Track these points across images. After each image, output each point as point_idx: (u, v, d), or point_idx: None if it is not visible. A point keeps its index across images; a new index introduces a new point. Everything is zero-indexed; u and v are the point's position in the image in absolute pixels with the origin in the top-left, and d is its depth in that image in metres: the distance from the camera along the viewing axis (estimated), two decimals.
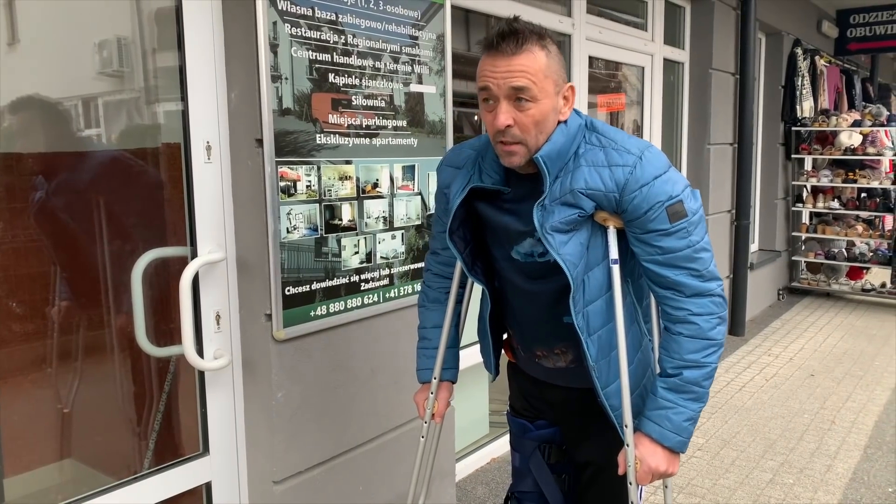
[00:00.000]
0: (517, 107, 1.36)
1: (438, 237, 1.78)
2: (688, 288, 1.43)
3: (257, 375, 2.10)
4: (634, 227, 1.43)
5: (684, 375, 1.44)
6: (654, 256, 1.43)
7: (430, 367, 1.78)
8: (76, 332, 1.85)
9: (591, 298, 1.48)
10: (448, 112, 2.60)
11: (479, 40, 1.40)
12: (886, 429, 3.78)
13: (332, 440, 2.28)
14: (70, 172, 1.83)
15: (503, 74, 1.34)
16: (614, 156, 1.42)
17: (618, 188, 1.40)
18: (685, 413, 1.46)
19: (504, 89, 1.35)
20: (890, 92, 10.44)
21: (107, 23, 1.84)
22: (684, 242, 1.41)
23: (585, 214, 1.43)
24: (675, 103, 5.19)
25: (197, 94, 1.96)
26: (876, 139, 6.66)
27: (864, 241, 6.73)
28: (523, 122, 1.37)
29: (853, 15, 7.94)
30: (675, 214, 1.40)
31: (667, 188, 1.39)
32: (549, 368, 1.66)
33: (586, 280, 1.47)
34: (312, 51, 2.07)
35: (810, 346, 5.38)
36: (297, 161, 2.05)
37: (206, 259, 1.98)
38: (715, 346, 1.45)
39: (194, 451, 2.09)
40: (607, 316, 1.51)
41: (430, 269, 1.85)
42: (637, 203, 1.39)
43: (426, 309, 1.83)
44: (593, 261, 1.48)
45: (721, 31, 5.22)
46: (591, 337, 1.49)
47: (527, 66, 1.34)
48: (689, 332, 1.44)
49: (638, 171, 1.39)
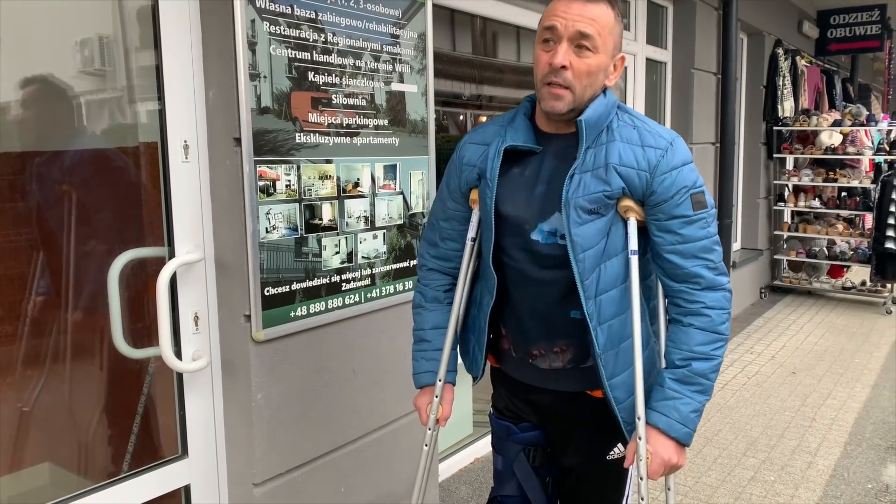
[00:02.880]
0: (577, 53, 1.40)
1: (439, 226, 1.72)
2: (703, 280, 1.45)
3: (236, 377, 2.08)
4: (659, 212, 1.45)
5: (693, 367, 1.45)
6: (676, 246, 1.45)
7: (433, 369, 1.69)
8: (50, 333, 1.82)
9: (606, 287, 1.47)
10: (430, 111, 2.59)
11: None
12: (866, 425, 3.82)
13: (313, 441, 2.27)
14: (46, 171, 1.80)
15: (575, 17, 1.38)
16: (648, 137, 1.46)
17: (650, 168, 1.43)
18: (692, 404, 1.46)
19: (570, 31, 1.39)
20: (870, 92, 10.55)
21: (86, 22, 1.81)
22: (704, 232, 1.45)
23: (612, 195, 1.43)
24: (658, 103, 5.21)
25: (174, 93, 1.94)
26: (856, 139, 6.73)
27: (844, 239, 6.79)
28: (579, 67, 1.40)
29: (833, 16, 8.02)
30: (698, 203, 1.45)
31: (692, 176, 1.46)
32: (543, 370, 1.61)
33: (602, 269, 1.47)
34: (292, 49, 2.05)
35: (792, 343, 5.43)
36: (276, 160, 2.04)
37: (184, 259, 1.96)
38: (723, 341, 1.47)
39: (173, 454, 2.06)
40: (620, 306, 1.49)
41: (425, 265, 1.76)
42: (667, 185, 1.42)
43: (424, 310, 1.74)
44: (612, 250, 1.48)
45: (703, 32, 5.25)
46: (602, 326, 1.48)
47: (598, 16, 1.40)
48: (700, 324, 1.46)
49: (669, 155, 1.44)
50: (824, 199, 6.87)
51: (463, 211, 1.67)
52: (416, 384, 1.74)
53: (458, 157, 1.66)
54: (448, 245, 1.70)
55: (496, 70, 3.73)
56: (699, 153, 5.35)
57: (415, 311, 1.77)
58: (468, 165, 1.61)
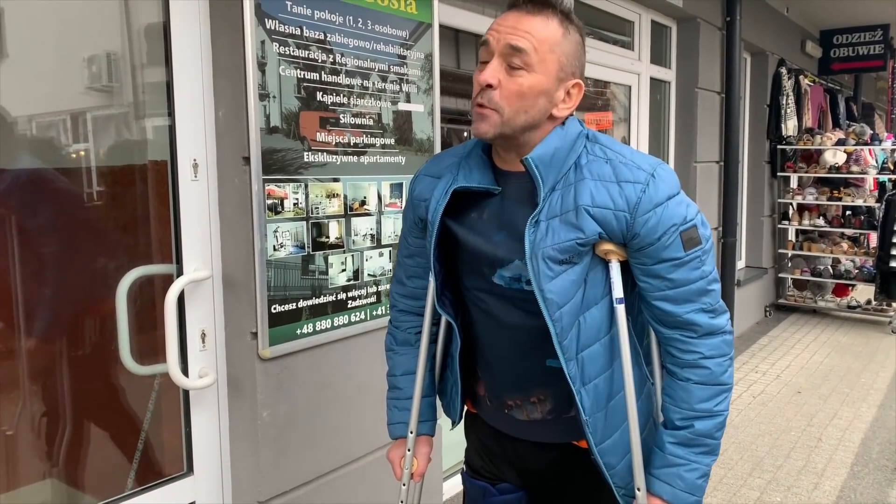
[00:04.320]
0: (508, 71, 1.21)
1: (404, 264, 1.57)
2: (700, 327, 1.27)
3: (242, 394, 2.09)
4: (644, 257, 1.25)
5: (695, 427, 1.28)
6: (665, 292, 1.26)
7: (405, 420, 1.54)
8: (56, 349, 1.83)
9: (587, 342, 1.28)
10: (436, 130, 2.62)
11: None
12: (872, 446, 3.79)
13: (318, 459, 2.26)
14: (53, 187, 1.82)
15: (507, 30, 1.21)
16: (623, 171, 1.24)
17: (629, 207, 1.22)
18: (699, 469, 1.29)
19: (501, 45, 1.21)
20: (873, 111, 10.58)
21: (96, 38, 1.84)
22: (697, 273, 1.25)
23: (585, 242, 1.24)
24: (662, 121, 5.24)
25: (184, 112, 1.96)
26: (860, 157, 6.74)
27: (849, 258, 6.79)
28: (508, 87, 1.21)
29: (836, 35, 8.07)
30: (690, 241, 1.24)
31: (681, 210, 1.24)
32: (521, 421, 1.42)
33: (581, 322, 1.27)
34: (300, 69, 2.08)
35: (797, 362, 5.40)
36: (284, 179, 2.05)
37: (192, 277, 1.97)
38: (726, 392, 1.30)
39: (178, 471, 2.06)
40: (605, 362, 1.31)
41: (395, 306, 1.61)
42: (651, 226, 1.22)
43: (395, 353, 1.60)
44: (591, 299, 1.28)
45: (707, 51, 5.28)
46: (586, 387, 1.29)
47: (535, 30, 1.21)
48: (699, 377, 1.28)
49: (651, 189, 1.22)
50: (829, 218, 6.88)
51: (424, 246, 1.48)
52: (390, 435, 1.59)
53: (410, 189, 1.49)
54: (415, 283, 1.55)
55: None
56: (703, 172, 5.36)
57: (387, 355, 1.62)
58: (419, 200, 1.44)
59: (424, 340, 1.52)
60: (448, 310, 1.40)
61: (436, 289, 1.38)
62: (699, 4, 5.10)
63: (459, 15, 3.08)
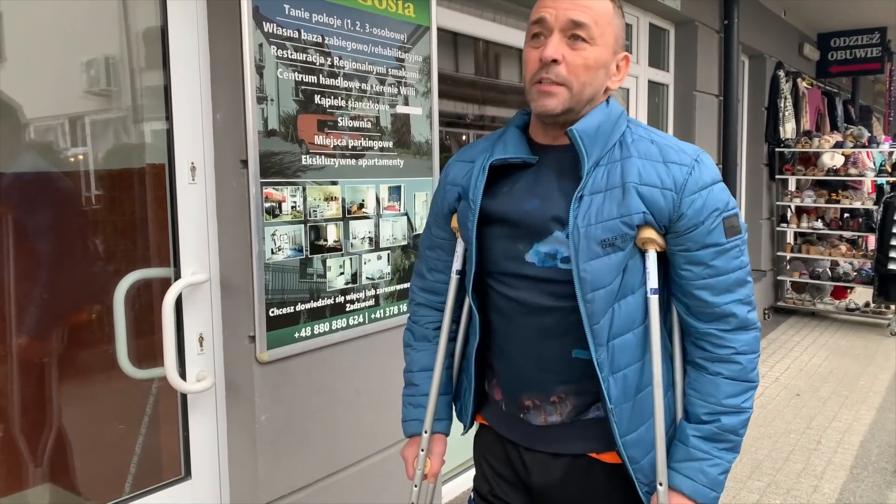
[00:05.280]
0: (571, 45, 1.22)
1: (425, 256, 1.54)
2: (736, 319, 1.26)
3: (240, 398, 2.08)
4: (688, 241, 1.24)
5: (722, 423, 1.26)
6: (707, 280, 1.25)
7: (420, 417, 1.51)
8: (53, 352, 1.82)
9: (620, 331, 1.26)
10: (434, 133, 2.61)
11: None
12: (871, 448, 3.79)
13: (317, 463, 2.26)
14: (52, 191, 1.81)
15: (565, 5, 1.21)
16: (670, 152, 1.26)
17: (676, 187, 1.22)
18: (721, 465, 1.27)
19: (562, 21, 1.21)
20: (871, 113, 10.60)
21: (94, 42, 1.84)
22: (737, 262, 1.26)
23: (629, 222, 1.22)
24: (661, 124, 5.24)
25: (182, 115, 1.96)
26: (858, 160, 6.75)
27: (847, 260, 6.79)
28: (574, 61, 1.22)
29: (834, 38, 8.09)
30: (731, 229, 1.25)
31: (724, 196, 1.25)
32: (537, 428, 1.36)
33: (615, 309, 1.26)
34: (298, 72, 2.08)
35: (796, 365, 5.40)
36: (282, 182, 2.05)
37: (190, 280, 1.96)
38: (753, 389, 1.29)
39: (176, 475, 2.06)
40: (637, 352, 1.29)
41: (415, 300, 1.58)
42: (697, 207, 1.22)
43: (413, 349, 1.56)
44: (628, 287, 1.27)
45: (705, 54, 5.29)
46: (615, 375, 1.26)
47: (592, 4, 1.23)
48: (730, 372, 1.26)
49: (696, 172, 1.23)
50: (827, 221, 6.88)
51: (448, 239, 1.48)
52: (404, 433, 1.55)
53: (443, 176, 1.48)
54: (435, 277, 1.52)
55: (499, 91, 3.76)
56: None
57: (404, 351, 1.59)
58: (451, 185, 1.43)
59: (444, 337, 1.49)
60: (476, 301, 1.38)
61: (469, 275, 1.36)
62: (697, 8, 5.11)
63: (457, 18, 3.09)
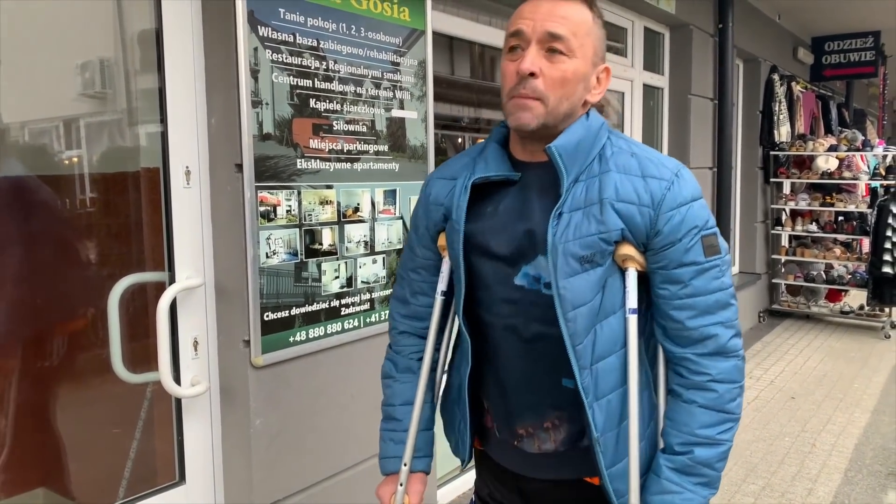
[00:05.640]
0: (548, 58, 1.18)
1: (409, 279, 1.44)
2: (714, 343, 1.22)
3: (235, 402, 2.08)
4: (666, 259, 1.21)
5: (695, 454, 1.20)
6: (685, 300, 1.21)
7: (400, 454, 1.42)
8: (46, 356, 1.81)
9: (603, 353, 1.22)
10: (429, 137, 2.61)
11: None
12: (866, 451, 3.80)
13: (312, 467, 2.25)
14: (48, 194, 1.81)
15: (543, 16, 1.18)
16: (649, 166, 1.22)
17: (653, 203, 1.19)
18: (694, 499, 1.20)
19: (539, 32, 1.18)
20: (865, 117, 10.65)
21: (89, 44, 1.84)
22: (717, 283, 1.21)
23: (609, 238, 1.19)
24: (656, 128, 5.25)
25: (177, 119, 1.96)
26: (852, 163, 6.78)
27: (842, 263, 6.81)
28: (551, 74, 1.18)
29: (828, 42, 8.12)
30: (711, 248, 1.21)
31: (704, 213, 1.22)
32: (532, 455, 1.33)
33: (598, 330, 1.22)
34: (293, 76, 2.08)
35: (790, 368, 5.41)
36: (277, 186, 2.05)
37: (185, 285, 1.96)
38: (732, 421, 1.23)
39: (170, 480, 2.05)
40: (620, 377, 1.24)
41: (397, 328, 1.48)
42: (675, 224, 1.19)
43: (395, 381, 1.47)
44: (609, 307, 1.23)
45: (699, 58, 5.31)
46: (599, 402, 1.22)
47: (571, 15, 1.19)
48: (705, 401, 1.22)
49: (676, 187, 1.20)
50: (821, 224, 6.90)
51: (434, 259, 1.41)
52: (381, 470, 1.46)
53: (424, 194, 1.40)
54: (420, 301, 1.44)
55: (494, 94, 3.77)
56: (696, 177, 5.35)
57: (384, 383, 1.49)
58: (435, 204, 1.37)
59: (426, 366, 1.42)
60: (467, 326, 1.31)
61: (463, 299, 1.30)
62: (692, 12, 5.13)
63: (453, 22, 3.09)
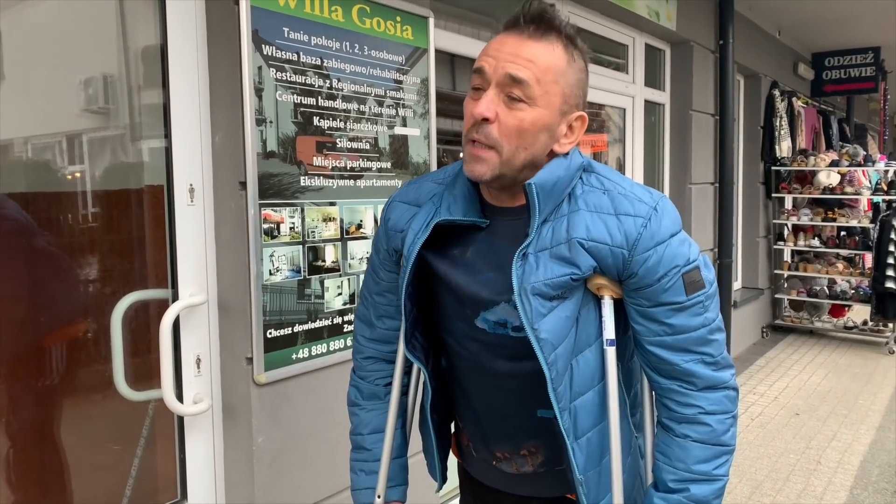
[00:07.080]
0: (507, 103, 1.07)
1: (373, 302, 1.38)
2: (700, 379, 1.14)
3: (237, 420, 2.07)
4: (642, 298, 1.13)
5: (691, 492, 1.14)
6: (663, 338, 1.14)
7: (371, 485, 1.37)
8: (49, 373, 1.81)
9: (581, 390, 1.16)
10: (432, 154, 2.62)
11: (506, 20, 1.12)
12: (871, 468, 3.77)
13: (314, 486, 2.24)
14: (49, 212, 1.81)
15: (506, 57, 1.06)
16: (623, 202, 1.12)
17: (627, 243, 1.10)
18: None
19: (499, 74, 1.07)
20: (866, 132, 10.67)
21: (93, 60, 1.85)
22: (699, 320, 1.13)
23: (580, 277, 1.11)
24: (657, 143, 5.26)
25: (181, 136, 1.96)
26: (854, 178, 6.78)
27: (845, 278, 6.80)
28: (507, 122, 1.07)
29: (828, 58, 8.15)
30: (693, 285, 1.12)
31: (683, 250, 1.12)
32: (510, 474, 1.30)
33: (574, 366, 1.15)
34: (297, 94, 2.09)
35: (795, 384, 5.39)
36: (280, 203, 2.05)
37: (188, 302, 1.96)
38: (728, 454, 1.17)
39: (172, 498, 2.04)
40: (599, 413, 1.18)
41: (362, 353, 1.42)
42: (651, 265, 1.10)
43: (361, 409, 1.40)
44: (584, 341, 1.16)
45: (700, 74, 5.33)
46: (579, 441, 1.16)
47: (537, 58, 1.07)
48: (698, 435, 1.14)
49: (653, 225, 1.10)
50: (824, 239, 6.90)
51: (398, 282, 1.32)
52: (354, 503, 1.41)
53: (384, 218, 1.32)
54: (386, 324, 1.37)
55: None
56: (698, 193, 5.38)
57: (350, 411, 1.43)
58: (394, 230, 1.28)
59: (395, 392, 1.37)
60: (418, 355, 1.25)
61: (405, 331, 1.23)
62: (692, 28, 5.15)
63: (455, 40, 3.11)
